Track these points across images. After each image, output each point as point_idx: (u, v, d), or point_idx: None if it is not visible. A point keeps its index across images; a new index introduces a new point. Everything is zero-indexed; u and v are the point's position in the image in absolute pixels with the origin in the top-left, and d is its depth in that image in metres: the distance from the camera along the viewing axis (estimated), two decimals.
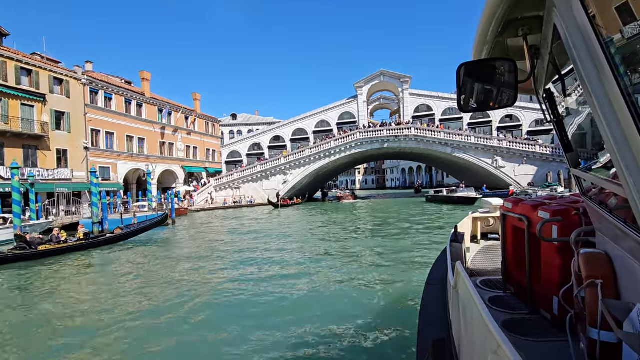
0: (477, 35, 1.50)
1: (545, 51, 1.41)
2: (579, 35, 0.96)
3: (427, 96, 42.26)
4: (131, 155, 34.60)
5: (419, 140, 37.88)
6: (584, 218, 1.67)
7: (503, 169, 36.20)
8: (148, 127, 37.33)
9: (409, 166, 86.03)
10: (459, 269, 1.93)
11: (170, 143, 40.87)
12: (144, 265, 11.20)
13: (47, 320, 6.63)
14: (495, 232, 4.36)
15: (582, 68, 0.97)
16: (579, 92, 1.26)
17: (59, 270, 11.02)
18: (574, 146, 1.48)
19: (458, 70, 1.44)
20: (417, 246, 12.06)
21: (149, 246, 14.96)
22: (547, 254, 1.92)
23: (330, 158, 39.82)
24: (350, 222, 20.52)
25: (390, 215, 22.89)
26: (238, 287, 8.13)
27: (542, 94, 1.62)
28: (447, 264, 2.92)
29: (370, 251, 11.75)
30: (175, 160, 41.44)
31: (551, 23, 1.18)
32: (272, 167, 40.78)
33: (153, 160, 37.45)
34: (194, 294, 7.68)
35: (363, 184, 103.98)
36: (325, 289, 7.73)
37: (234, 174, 41.62)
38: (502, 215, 2.47)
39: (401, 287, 7.50)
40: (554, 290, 1.80)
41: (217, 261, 11.47)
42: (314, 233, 16.79)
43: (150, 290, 8.18)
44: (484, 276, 2.91)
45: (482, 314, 1.23)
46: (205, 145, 47.58)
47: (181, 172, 42.25)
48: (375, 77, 42.67)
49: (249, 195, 41.17)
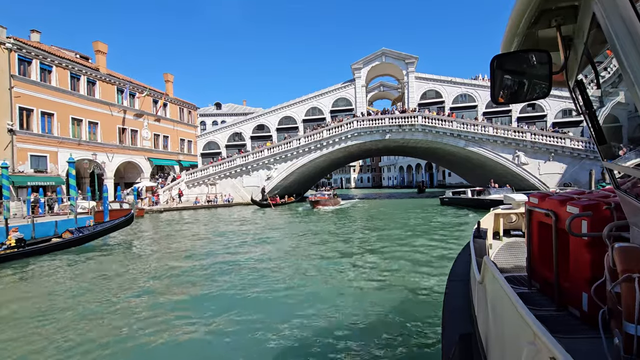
0: (508, 26, 1.49)
1: (580, 41, 1.38)
2: (621, 24, 0.95)
3: (436, 80, 36.47)
4: (78, 143, 28.28)
5: (426, 131, 32.07)
6: (616, 213, 1.64)
7: (526, 166, 30.57)
8: (103, 109, 31.00)
9: (407, 164, 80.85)
10: (488, 263, 1.89)
11: (133, 130, 34.57)
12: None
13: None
14: (518, 228, 4.37)
15: (625, 58, 0.96)
16: (613, 82, 1.23)
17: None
18: (607, 138, 1.42)
19: (492, 62, 1.44)
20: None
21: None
22: (575, 250, 1.89)
23: (322, 151, 33.87)
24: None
25: (398, 232, 14.25)
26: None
27: (573, 85, 1.58)
28: (469, 259, 3.15)
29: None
30: (140, 151, 35.15)
31: (589, 12, 1.16)
32: (254, 161, 34.73)
33: (109, 150, 31.17)
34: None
35: (358, 182, 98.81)
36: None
37: (209, 167, 35.49)
38: (528, 210, 2.44)
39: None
40: (583, 286, 1.78)
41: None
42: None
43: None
44: (507, 273, 2.88)
45: (517, 305, 1.24)
46: (179, 135, 41.32)
47: (147, 164, 35.99)
48: (376, 57, 36.75)
49: (227, 194, 35.09)
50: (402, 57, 36.38)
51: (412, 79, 36.62)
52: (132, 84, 34.30)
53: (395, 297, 6.42)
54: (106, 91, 31.33)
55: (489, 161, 32.59)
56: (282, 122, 39.60)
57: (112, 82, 31.95)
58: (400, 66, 36.76)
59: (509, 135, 30.63)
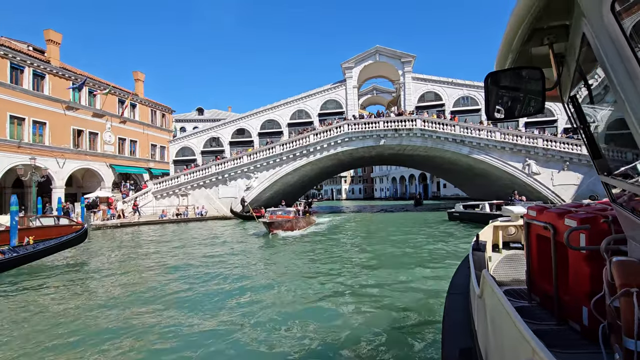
0: (501, 44, 1.53)
1: (572, 59, 1.43)
2: (609, 44, 0.98)
3: (436, 81, 33.16)
4: (17, 145, 23.84)
5: (426, 136, 28.49)
6: (614, 226, 1.66)
7: (537, 176, 27.13)
8: (54, 107, 26.69)
9: (400, 175, 77.75)
10: (486, 277, 1.95)
11: (92, 132, 30.23)
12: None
13: None
14: (517, 241, 4.35)
15: (615, 76, 0.99)
16: (607, 97, 1.28)
17: None
18: (602, 152, 1.45)
19: (486, 79, 1.49)
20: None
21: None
22: (575, 263, 1.88)
23: (308, 158, 29.97)
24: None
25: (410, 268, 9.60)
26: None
27: (567, 100, 1.62)
28: (469, 272, 3.00)
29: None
30: (100, 157, 30.74)
31: (579, 31, 1.20)
32: (231, 168, 30.59)
33: (59, 154, 26.73)
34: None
35: (350, 193, 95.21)
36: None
37: (181, 176, 31.19)
38: (526, 223, 2.43)
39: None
40: (583, 300, 1.78)
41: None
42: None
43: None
44: (507, 286, 2.82)
45: (515, 321, 1.24)
46: (150, 140, 37.06)
47: (108, 172, 31.55)
48: (369, 55, 33.32)
49: (200, 206, 30.75)
50: (397, 56, 33.06)
51: (409, 79, 33.24)
52: (92, 80, 30.10)
53: (393, 311, 5.94)
54: (59, 87, 27.06)
55: (494, 170, 29.13)
56: (264, 126, 35.68)
57: (66, 76, 27.72)
58: (396, 65, 33.40)
59: (519, 141, 27.25)
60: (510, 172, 27.83)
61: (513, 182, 29.29)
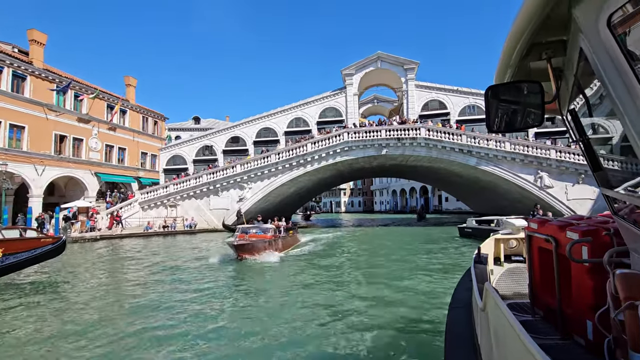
0: (501, 58, 1.54)
1: (570, 73, 1.43)
2: (607, 58, 0.99)
3: (440, 89, 31.66)
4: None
5: (430, 145, 26.81)
6: (616, 238, 1.65)
7: (550, 189, 25.35)
8: (35, 110, 25.03)
9: (400, 187, 76.05)
10: (489, 290, 1.90)
11: (77, 139, 28.51)
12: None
13: None
14: (519, 254, 4.30)
15: (613, 90, 1.00)
16: (605, 110, 1.28)
17: None
18: (602, 165, 1.45)
19: (486, 93, 1.51)
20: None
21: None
22: (577, 276, 1.85)
23: (305, 168, 28.20)
24: None
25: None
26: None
27: (566, 114, 1.63)
28: (471, 286, 3.00)
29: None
30: (84, 164, 28.94)
31: (577, 46, 1.21)
32: (223, 178, 28.77)
33: (38, 161, 24.93)
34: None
35: (349, 206, 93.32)
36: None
37: (170, 186, 29.34)
38: (528, 236, 2.41)
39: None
40: (587, 313, 1.75)
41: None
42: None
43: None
44: (509, 299, 2.81)
45: (520, 334, 1.23)
46: (140, 148, 35.34)
47: (93, 180, 29.69)
48: (370, 62, 31.93)
49: (189, 217, 28.80)
50: (400, 63, 31.66)
51: (412, 87, 31.75)
52: (78, 83, 28.56)
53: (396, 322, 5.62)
54: (41, 89, 25.47)
55: (503, 183, 27.37)
56: (260, 134, 34.01)
57: (49, 78, 26.17)
58: (398, 73, 31.97)
59: (530, 152, 25.56)
60: (521, 184, 26.06)
61: (523, 196, 27.50)
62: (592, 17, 1.01)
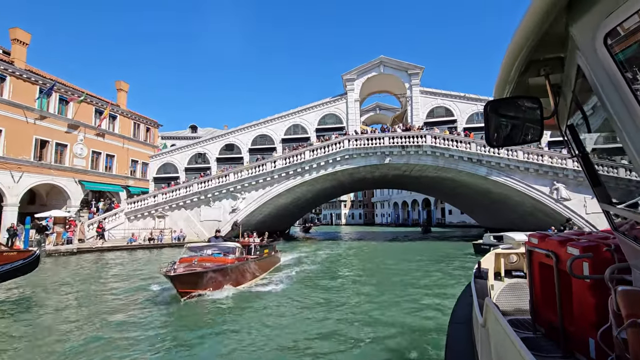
0: (499, 74, 1.56)
1: (568, 89, 1.45)
2: (604, 75, 1.01)
3: (446, 95, 30.08)
4: None
5: (437, 154, 25.04)
6: (617, 254, 1.64)
7: (567, 202, 23.42)
8: (14, 113, 23.44)
9: (402, 200, 74.11)
10: (489, 305, 1.91)
11: (60, 144, 26.83)
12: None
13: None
14: (519, 269, 4.26)
15: (611, 106, 1.02)
16: (604, 127, 1.29)
17: None
18: (601, 180, 1.46)
19: (485, 108, 1.50)
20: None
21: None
22: (579, 292, 1.85)
23: (303, 177, 26.40)
24: None
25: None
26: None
27: (565, 129, 1.64)
28: (471, 301, 2.93)
29: None
30: (68, 171, 27.19)
31: (574, 64, 1.23)
32: (216, 187, 26.95)
33: (16, 167, 23.18)
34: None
35: (349, 218, 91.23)
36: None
37: (158, 195, 27.50)
38: (528, 251, 2.40)
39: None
40: (589, 331, 1.73)
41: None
42: None
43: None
44: (510, 316, 2.75)
45: (521, 351, 1.22)
46: (131, 155, 33.65)
47: (77, 189, 27.88)
48: (373, 67, 30.47)
49: (178, 229, 26.86)
50: (404, 67, 30.17)
51: (417, 92, 30.17)
52: (64, 86, 27.04)
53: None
54: (22, 91, 23.93)
55: (515, 194, 25.49)
56: (256, 141, 32.31)
57: (32, 80, 24.65)
58: (402, 78, 30.46)
59: (545, 161, 23.75)
60: (535, 196, 24.15)
61: (536, 209, 25.59)
62: (588, 35, 1.02)
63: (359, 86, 31.09)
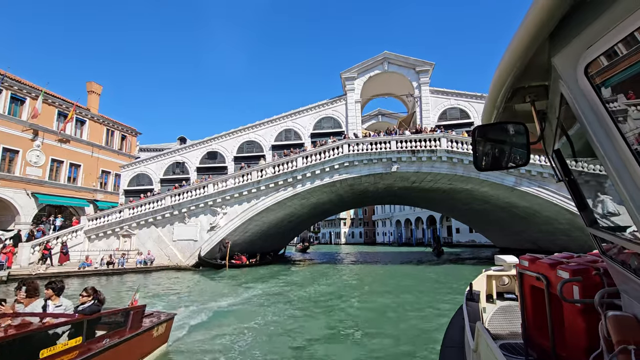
0: (487, 100, 1.59)
1: (553, 115, 1.47)
2: (586, 104, 1.04)
3: (460, 95, 26.36)
4: None
5: (454, 160, 21.05)
6: (606, 278, 1.62)
7: (614, 217, 19.16)
8: None
9: (405, 217, 69.89)
10: (481, 330, 1.92)
11: (10, 150, 22.85)
12: None
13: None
14: (511, 291, 4.18)
15: (593, 134, 1.05)
16: (588, 152, 1.29)
17: None
18: (587, 204, 1.47)
19: (473, 132, 1.55)
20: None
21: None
22: (570, 316, 1.82)
23: (294, 188, 22.31)
24: None
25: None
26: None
27: (552, 154, 1.66)
28: (463, 324, 2.93)
29: None
30: (19, 182, 23.09)
31: (558, 92, 1.26)
32: (191, 200, 22.83)
33: None
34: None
35: (349, 237, 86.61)
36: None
37: (124, 210, 23.31)
38: (519, 273, 2.32)
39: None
40: (581, 356, 1.70)
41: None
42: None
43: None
44: (502, 340, 2.69)
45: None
46: (101, 165, 29.62)
47: (29, 203, 23.69)
48: (376, 64, 26.95)
49: (146, 251, 22.50)
50: (411, 64, 26.62)
51: (427, 92, 26.48)
52: (15, 81, 23.30)
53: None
54: None
55: (547, 208, 21.43)
56: (243, 148, 28.37)
57: None
58: (409, 76, 26.85)
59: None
60: (574, 210, 19.99)
61: (574, 226, 21.46)
62: (570, 66, 1.06)
63: (359, 86, 27.42)
